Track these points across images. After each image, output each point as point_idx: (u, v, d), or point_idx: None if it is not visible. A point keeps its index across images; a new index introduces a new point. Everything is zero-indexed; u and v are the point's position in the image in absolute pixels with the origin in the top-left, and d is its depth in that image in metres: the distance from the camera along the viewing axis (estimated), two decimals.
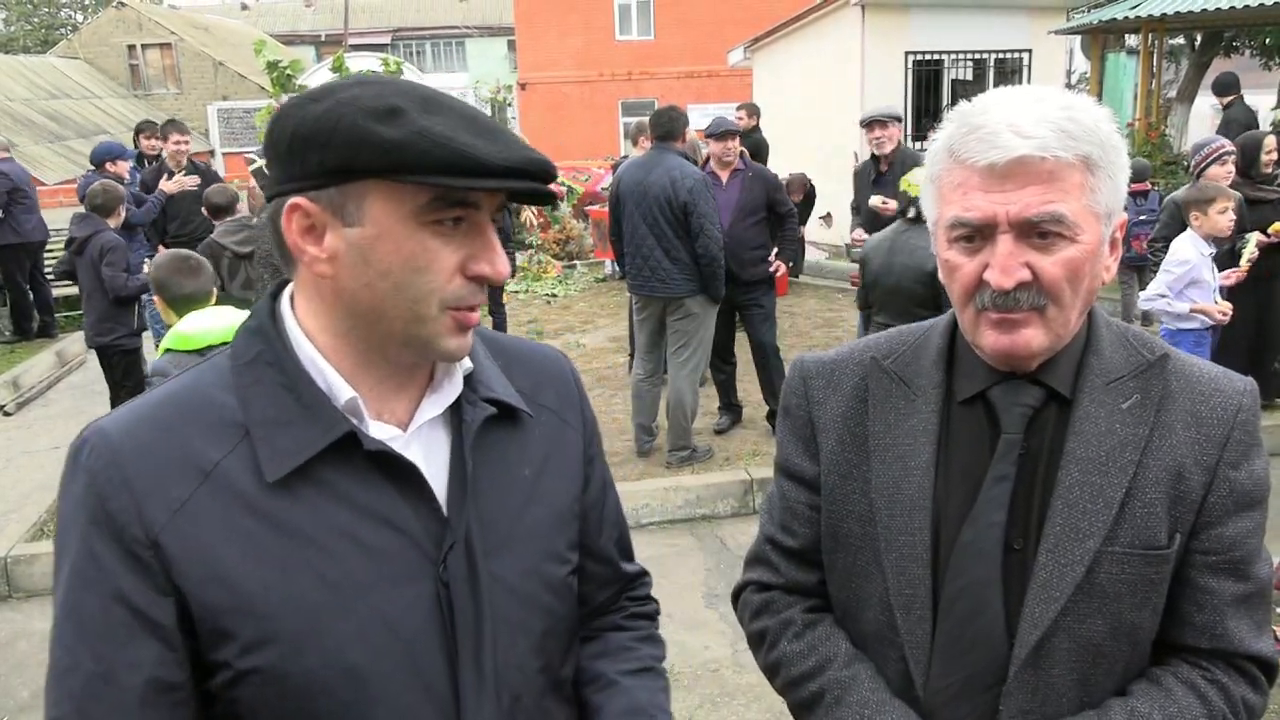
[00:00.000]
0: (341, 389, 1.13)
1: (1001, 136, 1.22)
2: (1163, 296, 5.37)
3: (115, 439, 1.09)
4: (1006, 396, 1.35)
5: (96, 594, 1.06)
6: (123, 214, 6.72)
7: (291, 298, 1.19)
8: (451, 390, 1.22)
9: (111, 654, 1.06)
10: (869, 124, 6.95)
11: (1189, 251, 5.40)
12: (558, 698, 1.31)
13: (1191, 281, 5.38)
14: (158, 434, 1.10)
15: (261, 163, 5.34)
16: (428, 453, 1.19)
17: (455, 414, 1.23)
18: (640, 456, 6.55)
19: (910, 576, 1.36)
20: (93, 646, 1.06)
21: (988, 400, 1.36)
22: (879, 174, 6.89)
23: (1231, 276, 5.68)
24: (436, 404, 1.21)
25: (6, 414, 8.47)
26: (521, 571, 1.23)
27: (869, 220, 6.99)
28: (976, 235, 1.27)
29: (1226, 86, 10.45)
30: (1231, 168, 6.29)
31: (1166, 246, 5.65)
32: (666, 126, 6.21)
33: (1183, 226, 5.62)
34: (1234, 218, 5.50)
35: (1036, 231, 1.24)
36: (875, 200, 6.65)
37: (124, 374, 6.74)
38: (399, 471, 1.15)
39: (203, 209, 7.19)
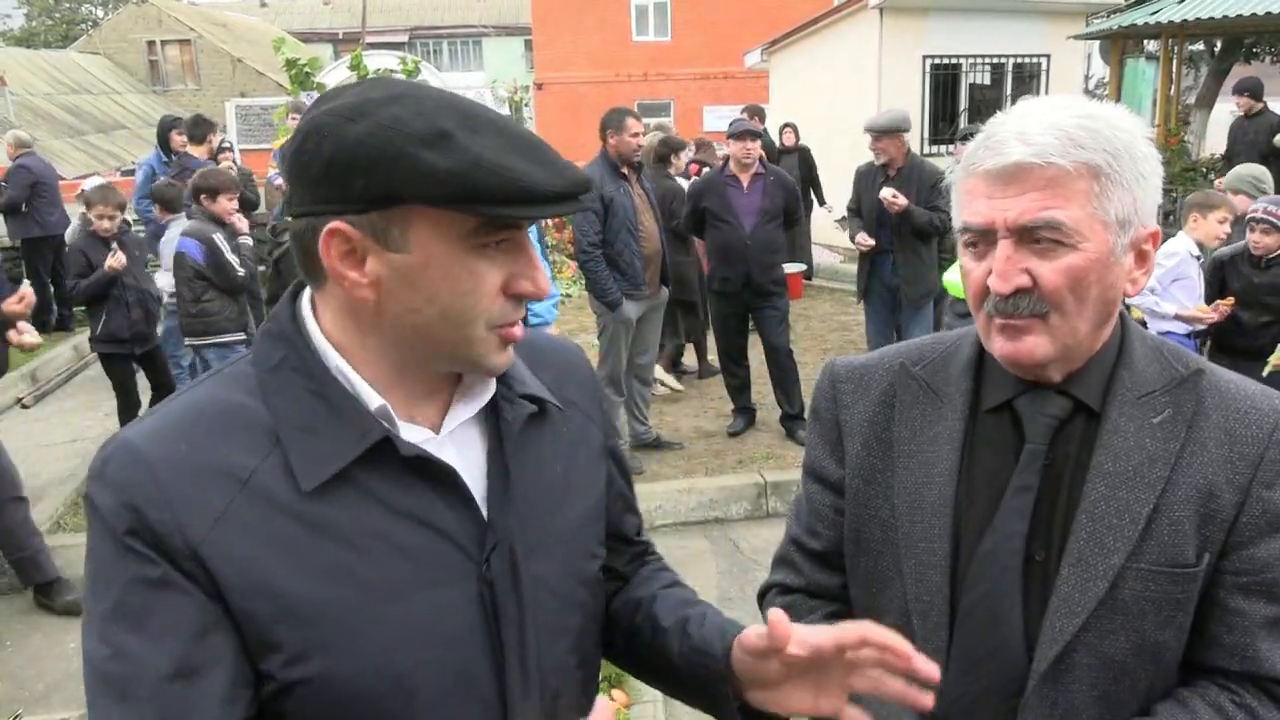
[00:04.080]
0: (370, 396, 1.11)
1: (1007, 144, 1.24)
2: (1151, 292, 5.32)
3: (144, 450, 1.06)
4: (1032, 406, 1.34)
5: (162, 593, 1.02)
6: (112, 215, 6.61)
7: (312, 303, 1.16)
8: (484, 391, 1.21)
9: (190, 651, 1.02)
10: (876, 134, 6.81)
11: (1178, 245, 5.42)
12: (590, 691, 1.32)
13: (1176, 279, 5.37)
14: (188, 443, 1.07)
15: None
16: (462, 454, 1.18)
17: (489, 412, 1.22)
18: None
19: (928, 584, 1.36)
20: (165, 645, 1.01)
21: (1014, 410, 1.36)
22: (888, 176, 6.80)
23: (1216, 312, 5.30)
24: (470, 407, 1.20)
25: (24, 407, 8.52)
26: (560, 571, 1.23)
27: (872, 220, 6.91)
28: (981, 240, 1.28)
29: (1254, 91, 10.25)
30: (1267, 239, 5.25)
31: None
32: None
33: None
34: (1229, 230, 5.50)
35: (1034, 237, 1.24)
36: (886, 193, 6.55)
37: (108, 374, 6.77)
38: (436, 474, 1.13)
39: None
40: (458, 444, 1.19)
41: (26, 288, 4.70)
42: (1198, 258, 5.45)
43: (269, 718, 1.08)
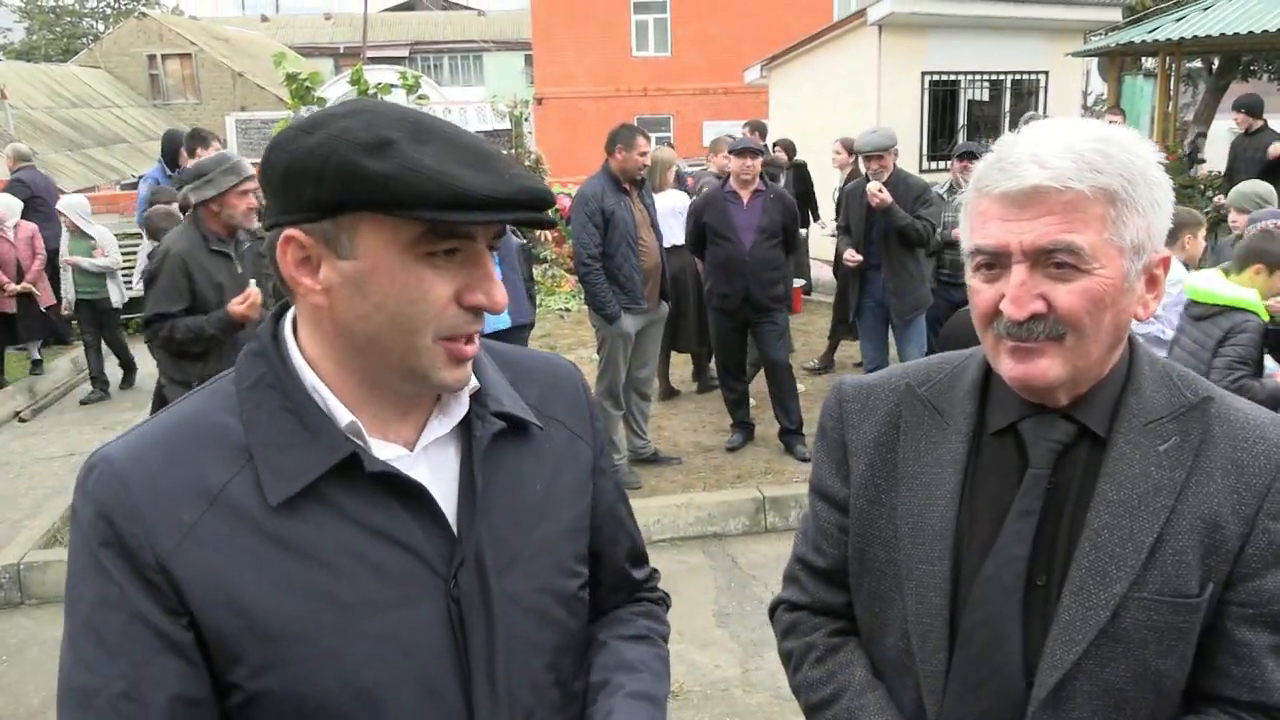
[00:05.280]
0: (341, 413, 1.14)
1: (1021, 166, 1.22)
2: (1156, 319, 5.25)
3: (121, 465, 1.10)
4: (1036, 430, 1.33)
5: (119, 614, 1.07)
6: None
7: (294, 322, 1.20)
8: (458, 409, 1.22)
9: (137, 672, 1.06)
10: (867, 157, 6.93)
11: (1176, 270, 5.34)
12: (571, 711, 1.31)
13: (1177, 303, 5.26)
14: (163, 459, 1.11)
15: None
16: (436, 471, 1.20)
17: (464, 430, 1.23)
18: None
19: (928, 605, 1.35)
20: (118, 665, 1.06)
21: (1018, 433, 1.34)
22: None
23: None
24: (443, 424, 1.22)
25: (22, 420, 8.53)
26: (534, 588, 1.24)
27: (860, 237, 7.02)
28: (995, 263, 1.27)
29: (1253, 108, 10.28)
30: None
31: None
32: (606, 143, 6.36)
33: None
34: (1204, 244, 5.54)
35: (1052, 261, 1.22)
36: (873, 186, 6.65)
37: None
38: (406, 491, 1.15)
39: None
40: (431, 461, 1.20)
41: (253, 288, 4.56)
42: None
43: None
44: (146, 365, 8.83)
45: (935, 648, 1.34)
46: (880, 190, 6.65)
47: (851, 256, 7.00)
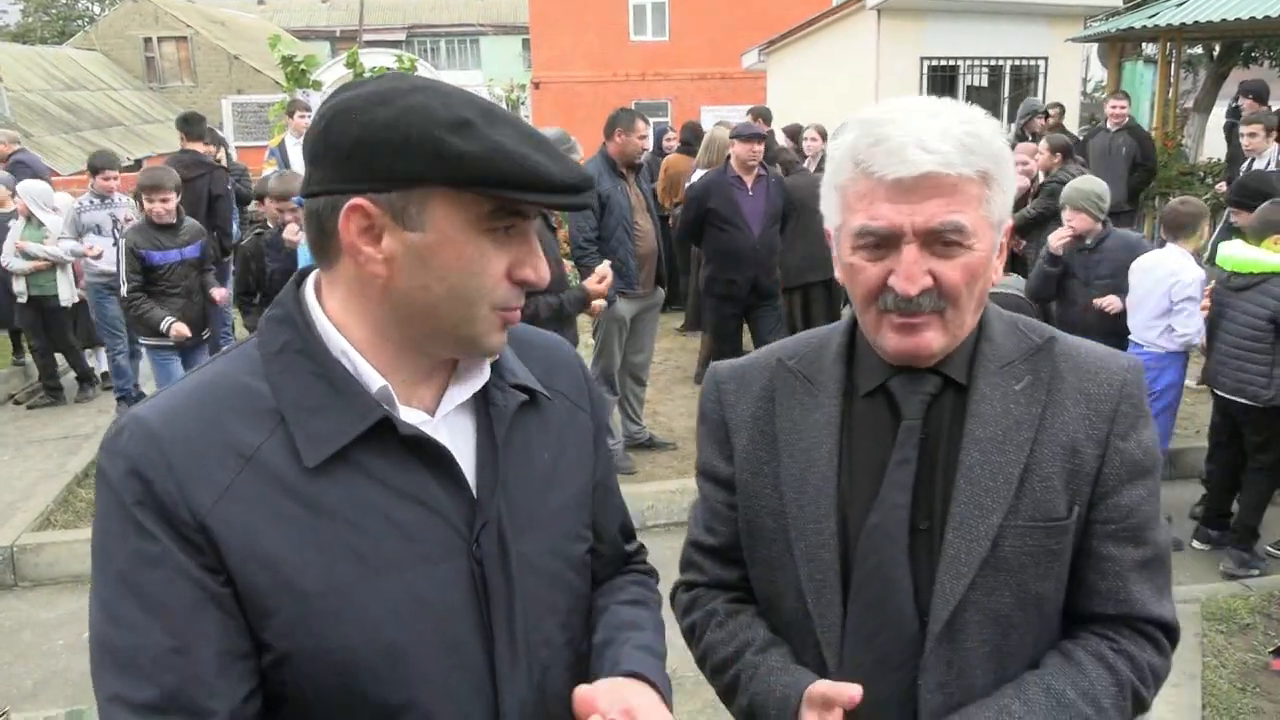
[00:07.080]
0: (372, 377, 1.17)
1: (908, 151, 1.28)
2: (1189, 317, 5.17)
3: (154, 425, 1.11)
4: (905, 386, 1.41)
5: (160, 571, 1.08)
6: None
7: (316, 288, 1.22)
8: (479, 377, 1.27)
9: (183, 626, 1.08)
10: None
11: (1194, 269, 5.25)
12: (580, 670, 1.36)
13: (1191, 297, 5.21)
14: (196, 420, 1.13)
15: None
16: (454, 437, 1.24)
17: (480, 399, 1.27)
18: None
19: (820, 563, 1.41)
20: (163, 622, 1.07)
21: (888, 391, 1.42)
22: None
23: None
24: (464, 390, 1.26)
25: (17, 402, 8.51)
26: (547, 551, 1.29)
27: None
28: (883, 243, 1.33)
29: (1259, 93, 10.15)
30: None
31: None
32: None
33: None
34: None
35: (941, 240, 1.30)
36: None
37: None
38: (431, 455, 1.19)
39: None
40: (451, 428, 1.24)
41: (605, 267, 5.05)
42: None
43: (271, 687, 1.14)
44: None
45: (830, 602, 1.41)
46: None
47: None
